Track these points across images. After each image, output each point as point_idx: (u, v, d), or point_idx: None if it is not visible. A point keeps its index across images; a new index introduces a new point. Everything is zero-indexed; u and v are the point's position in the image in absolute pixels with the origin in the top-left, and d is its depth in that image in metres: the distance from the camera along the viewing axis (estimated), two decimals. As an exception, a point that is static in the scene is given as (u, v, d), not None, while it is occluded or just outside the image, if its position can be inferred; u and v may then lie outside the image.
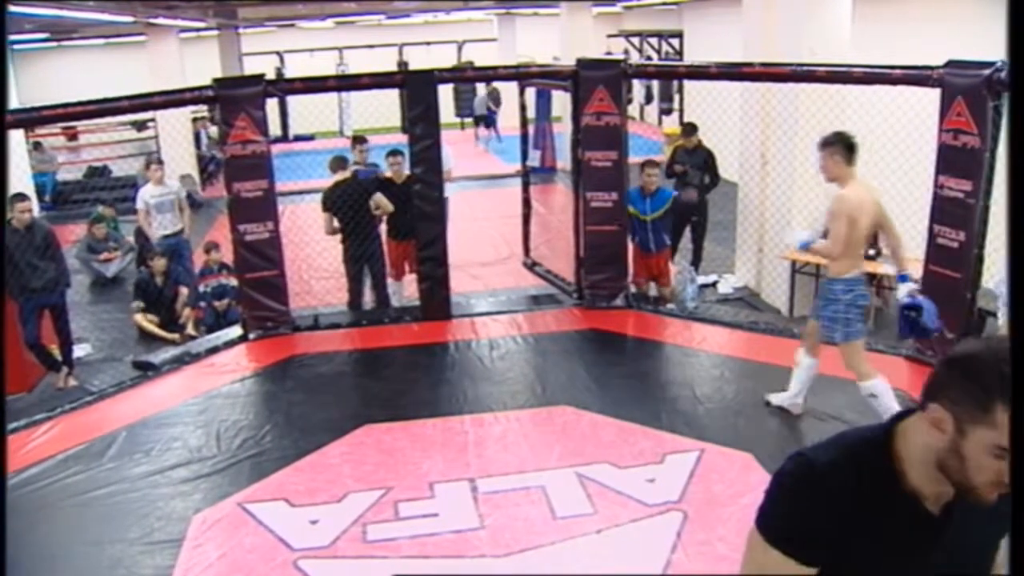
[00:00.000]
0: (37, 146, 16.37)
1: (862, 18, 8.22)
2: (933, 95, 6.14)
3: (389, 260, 8.51)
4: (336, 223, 8.09)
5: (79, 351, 8.03)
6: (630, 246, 8.07)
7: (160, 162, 9.73)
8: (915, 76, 6.27)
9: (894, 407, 5.26)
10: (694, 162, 9.15)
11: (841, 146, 5.32)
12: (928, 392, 1.59)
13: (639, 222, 7.94)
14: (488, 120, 21.38)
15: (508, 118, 16.87)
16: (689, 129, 9.60)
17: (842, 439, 1.70)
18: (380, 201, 8.05)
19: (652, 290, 8.24)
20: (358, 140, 9.62)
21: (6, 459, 5.25)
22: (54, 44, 21.47)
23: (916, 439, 1.60)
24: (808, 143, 7.86)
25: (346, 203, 7.97)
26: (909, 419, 1.64)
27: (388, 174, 8.50)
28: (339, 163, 8.41)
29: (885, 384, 5.41)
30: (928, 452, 1.58)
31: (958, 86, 5.91)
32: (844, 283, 5.35)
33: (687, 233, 9.40)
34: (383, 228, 8.42)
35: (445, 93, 19.58)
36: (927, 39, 8.94)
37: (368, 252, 8.17)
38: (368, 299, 8.54)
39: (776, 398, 5.89)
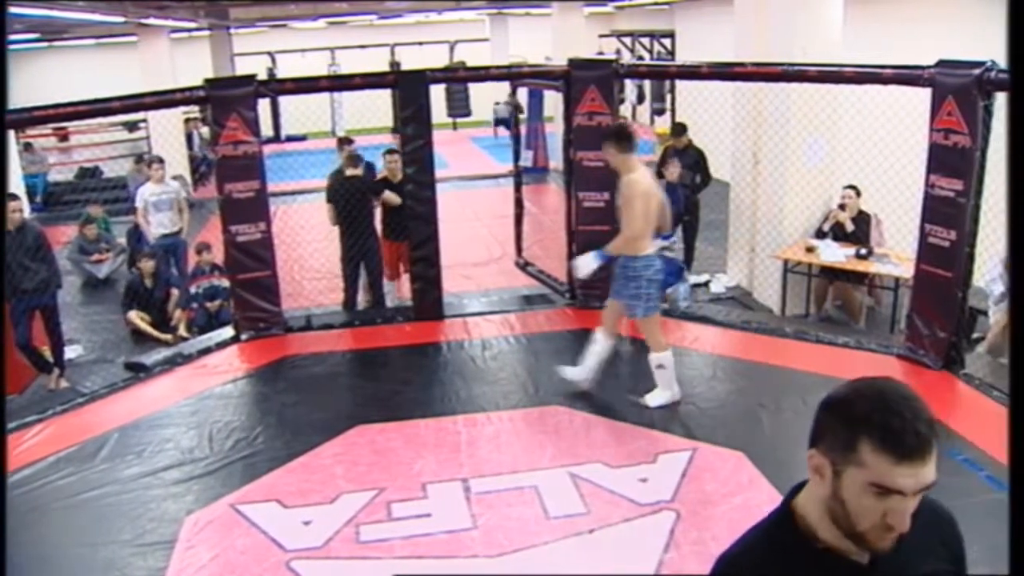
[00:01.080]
0: (27, 147, 16.33)
1: (853, 18, 8.24)
2: (924, 95, 6.16)
3: (384, 260, 8.52)
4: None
5: (70, 352, 8.02)
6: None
7: (161, 161, 9.74)
8: (906, 76, 6.29)
9: (675, 383, 6.03)
10: (684, 162, 9.17)
11: (623, 141, 5.71)
12: (810, 438, 1.57)
13: None
14: (510, 123, 21.42)
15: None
16: (679, 129, 9.63)
17: (754, 526, 1.71)
18: (388, 197, 8.09)
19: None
20: (344, 141, 9.61)
21: (6, 459, 5.24)
22: (45, 44, 21.40)
23: (811, 493, 1.60)
24: (800, 142, 7.91)
25: (345, 198, 8.02)
26: (806, 488, 1.64)
27: (384, 173, 8.53)
28: (353, 160, 8.48)
29: (672, 359, 5.98)
30: (821, 503, 1.57)
31: (948, 86, 5.93)
32: (645, 260, 5.72)
33: (678, 233, 9.42)
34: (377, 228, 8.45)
35: (437, 93, 19.59)
36: (917, 39, 8.98)
37: (365, 250, 8.19)
38: (362, 299, 8.54)
39: (569, 371, 6.24)
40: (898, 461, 1.45)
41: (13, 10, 10.33)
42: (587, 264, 5.96)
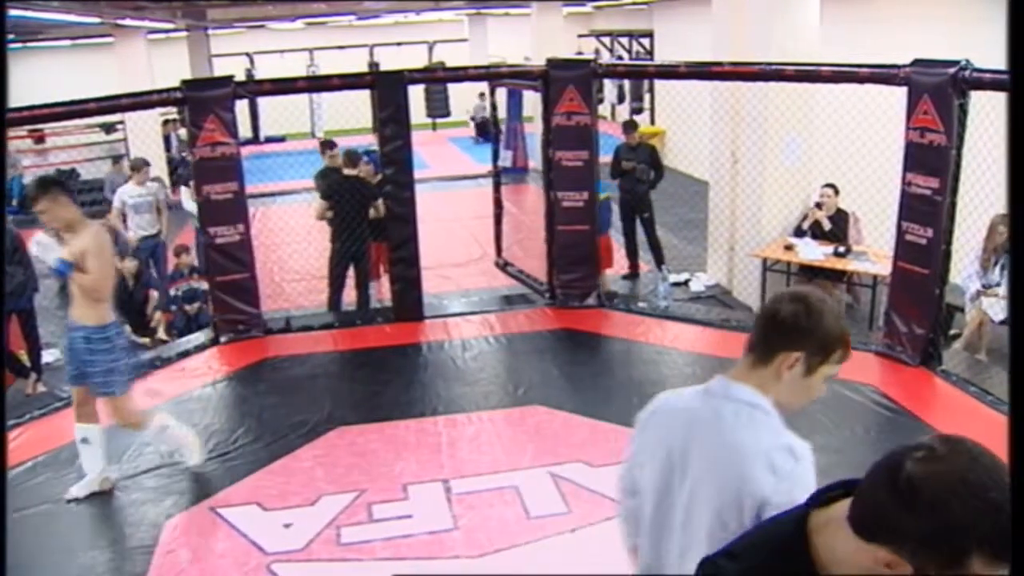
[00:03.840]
0: (-2, 149, 16.11)
1: (830, 18, 8.29)
2: (900, 93, 6.20)
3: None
4: (329, 213, 8.17)
5: (48, 356, 7.94)
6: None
7: (147, 164, 9.69)
8: (882, 75, 6.33)
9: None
10: (639, 158, 9.25)
11: (61, 189, 4.88)
12: (876, 530, 1.33)
13: None
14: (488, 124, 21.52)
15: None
16: (630, 126, 9.68)
17: (753, 538, 1.57)
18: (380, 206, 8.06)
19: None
20: (327, 145, 9.54)
21: (6, 459, 5.20)
22: (19, 46, 21.20)
23: (849, 557, 1.39)
24: (778, 141, 7.95)
25: (346, 198, 8.07)
26: (828, 514, 1.46)
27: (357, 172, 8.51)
28: (351, 159, 8.45)
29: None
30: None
31: (924, 84, 5.97)
32: (114, 327, 5.00)
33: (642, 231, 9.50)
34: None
35: (416, 94, 19.59)
36: (893, 38, 9.04)
37: (357, 252, 8.18)
38: (347, 299, 8.52)
39: (77, 489, 5.13)
40: (1009, 561, 1.26)
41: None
42: (46, 246, 4.79)
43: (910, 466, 1.29)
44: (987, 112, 5.86)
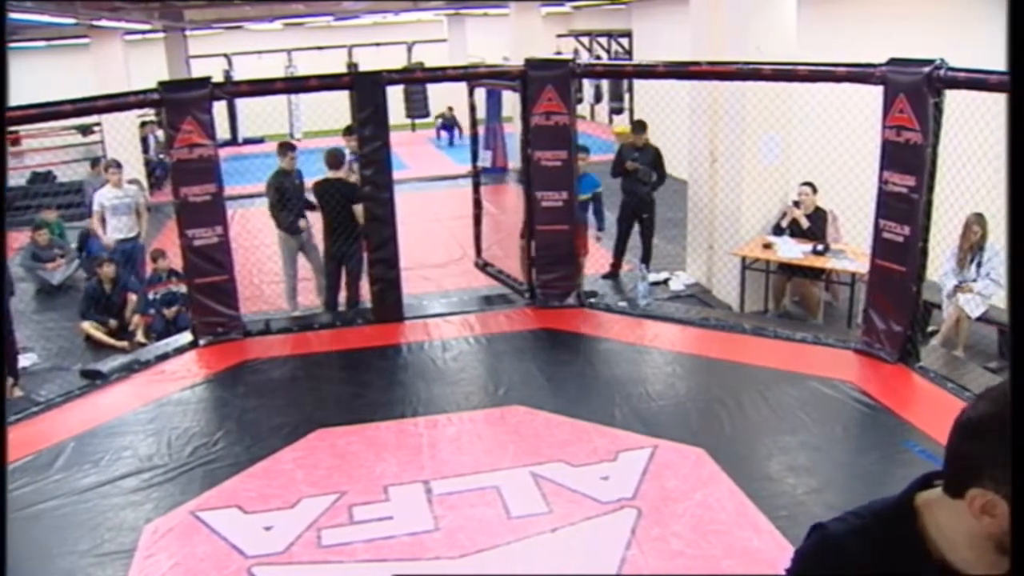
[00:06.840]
0: (-29, 152, 15.96)
1: (807, 18, 8.33)
2: (876, 92, 6.25)
3: None
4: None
5: (24, 361, 7.89)
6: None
7: (118, 165, 9.61)
8: (858, 74, 6.37)
9: None
10: (643, 160, 9.21)
11: None
12: (961, 475, 1.40)
13: None
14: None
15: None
16: (639, 127, 9.66)
17: (860, 510, 1.58)
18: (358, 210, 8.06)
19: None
20: (287, 147, 9.34)
21: (6, 458, 5.15)
22: (-6, 47, 20.99)
23: (952, 522, 1.43)
24: (756, 140, 7.99)
25: (334, 199, 8.07)
26: (930, 494, 1.49)
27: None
28: (336, 160, 8.42)
29: None
30: (978, 538, 1.39)
31: (900, 83, 6.02)
32: None
33: (636, 231, 9.48)
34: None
35: (396, 94, 19.56)
36: (870, 38, 9.10)
37: (349, 251, 8.15)
38: (309, 301, 8.51)
39: None
40: None
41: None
42: None
43: (969, 411, 1.41)
44: (962, 111, 5.92)
